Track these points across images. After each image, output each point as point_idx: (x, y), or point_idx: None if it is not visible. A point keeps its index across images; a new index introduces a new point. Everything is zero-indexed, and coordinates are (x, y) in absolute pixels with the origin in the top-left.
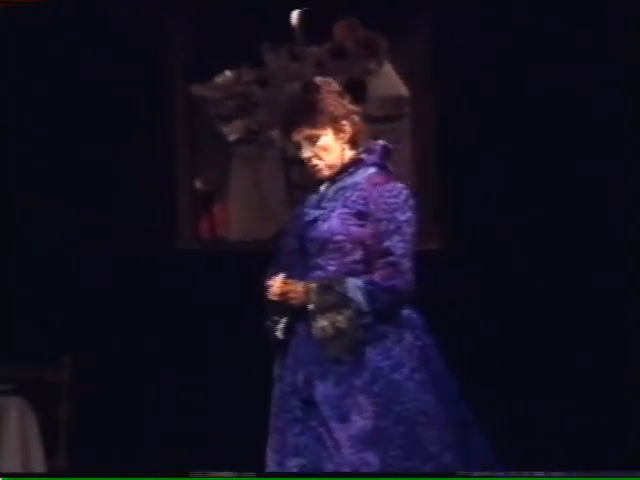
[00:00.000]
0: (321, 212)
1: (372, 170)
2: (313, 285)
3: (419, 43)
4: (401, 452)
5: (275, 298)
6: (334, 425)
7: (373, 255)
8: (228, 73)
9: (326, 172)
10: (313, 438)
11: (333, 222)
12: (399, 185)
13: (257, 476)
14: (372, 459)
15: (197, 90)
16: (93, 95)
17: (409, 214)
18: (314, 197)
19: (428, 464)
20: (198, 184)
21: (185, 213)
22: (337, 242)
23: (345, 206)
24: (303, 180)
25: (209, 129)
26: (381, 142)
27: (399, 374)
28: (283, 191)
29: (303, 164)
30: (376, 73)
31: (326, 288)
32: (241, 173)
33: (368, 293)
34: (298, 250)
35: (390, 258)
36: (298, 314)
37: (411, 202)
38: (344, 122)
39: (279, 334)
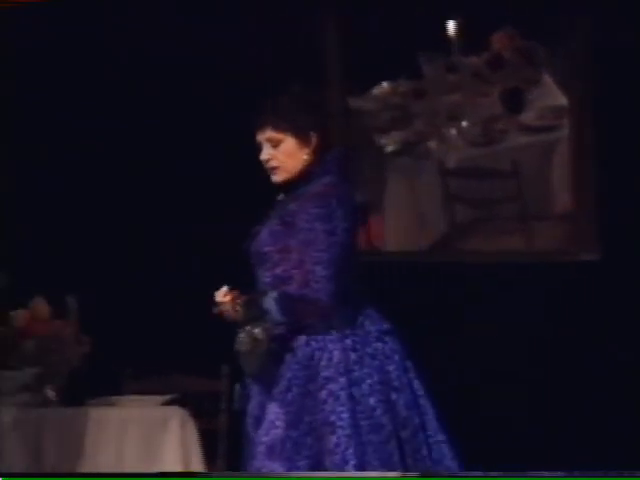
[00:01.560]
0: (260, 225)
1: (325, 180)
2: (240, 299)
3: (578, 53)
4: (307, 462)
5: (214, 310)
6: (252, 434)
7: (293, 265)
8: (385, 85)
9: (281, 176)
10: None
11: (264, 234)
12: (328, 194)
13: (259, 476)
14: (278, 469)
15: (354, 102)
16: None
17: (332, 224)
18: (271, 208)
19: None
20: (355, 196)
21: None
22: (266, 253)
23: (279, 217)
24: (461, 191)
25: (366, 141)
26: (338, 150)
27: (313, 384)
28: (440, 202)
29: (461, 175)
30: (534, 83)
31: (250, 301)
32: (398, 184)
33: (281, 304)
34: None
35: (303, 267)
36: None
37: (338, 212)
38: (312, 133)
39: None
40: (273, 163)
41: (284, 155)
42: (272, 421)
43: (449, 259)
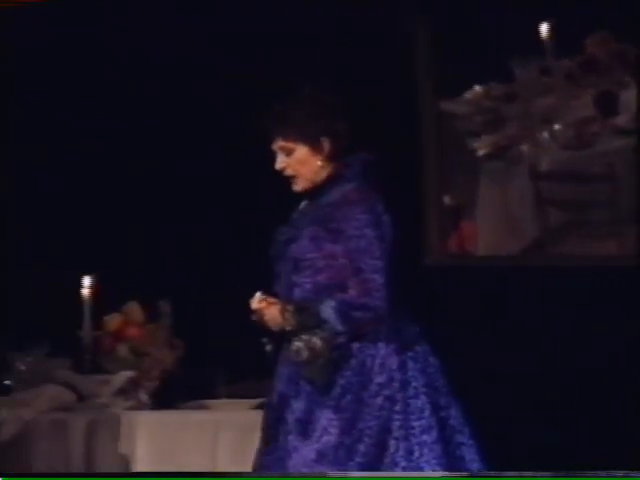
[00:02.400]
0: (295, 230)
1: (350, 186)
2: (289, 306)
3: None
4: (359, 469)
5: (253, 317)
6: (297, 443)
7: (346, 273)
8: (477, 88)
9: (301, 185)
10: (276, 458)
11: (304, 240)
12: (372, 200)
13: (261, 476)
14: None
15: (446, 106)
16: None
17: (381, 230)
18: (294, 215)
19: None
20: (447, 199)
21: (434, 229)
22: (308, 260)
23: (317, 223)
24: (553, 195)
25: (457, 144)
26: (362, 155)
27: (366, 391)
28: (532, 206)
29: (553, 179)
30: (628, 86)
31: (301, 309)
32: (490, 188)
33: (341, 313)
34: (279, 270)
35: (361, 276)
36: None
37: (384, 217)
38: (323, 138)
39: (267, 356)
40: (288, 172)
41: (298, 163)
42: (325, 428)
43: (541, 263)
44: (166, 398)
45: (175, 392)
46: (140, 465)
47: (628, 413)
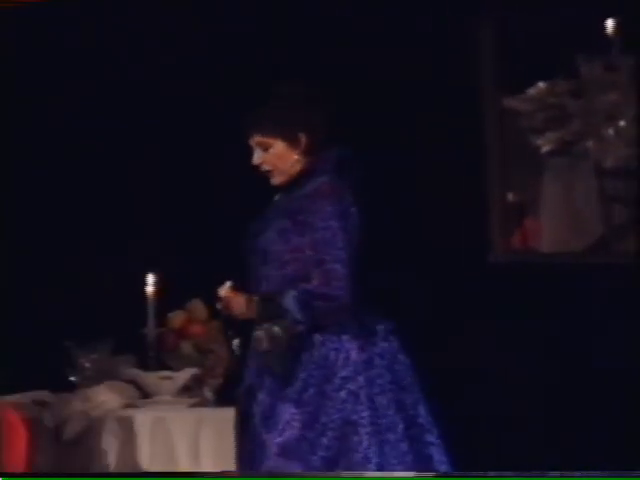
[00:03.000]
0: (264, 223)
1: (321, 179)
2: (255, 297)
3: None
4: (322, 463)
5: (218, 305)
6: (264, 435)
7: (311, 264)
8: (541, 85)
9: (278, 179)
10: (246, 450)
11: (272, 233)
12: (340, 192)
13: (262, 476)
14: (295, 469)
15: (509, 102)
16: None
17: (346, 221)
18: (268, 209)
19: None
20: (510, 196)
21: (497, 226)
22: (275, 253)
23: (286, 216)
24: (618, 192)
25: (520, 141)
26: (336, 149)
27: (330, 385)
28: (596, 203)
29: (618, 175)
30: None
31: (266, 300)
32: (553, 185)
33: (301, 302)
34: (250, 262)
35: (323, 266)
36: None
37: (351, 210)
38: (300, 133)
39: (234, 350)
40: (265, 167)
41: (275, 158)
42: (287, 421)
43: (606, 260)
44: (230, 395)
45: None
46: (204, 462)
47: None
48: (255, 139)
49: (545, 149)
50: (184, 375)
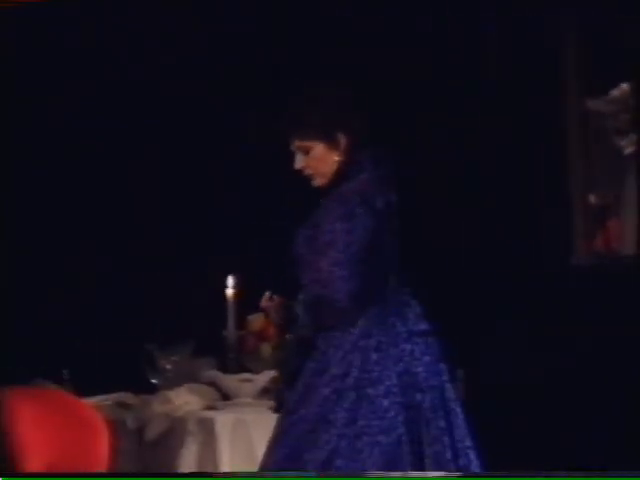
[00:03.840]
0: (299, 230)
1: (359, 179)
2: (281, 304)
3: None
4: (285, 452)
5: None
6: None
7: (318, 267)
8: (625, 86)
9: (320, 181)
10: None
11: (299, 238)
12: (351, 193)
13: (263, 476)
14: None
15: (593, 104)
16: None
17: (351, 223)
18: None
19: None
20: (593, 198)
21: (580, 228)
22: (301, 256)
23: (310, 220)
24: None
25: (604, 143)
26: (371, 148)
27: (319, 379)
28: None
29: None
30: None
31: (285, 306)
32: (637, 186)
33: (305, 306)
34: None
35: (323, 269)
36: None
37: (359, 211)
38: (339, 134)
39: None
40: (307, 171)
41: (316, 161)
42: (285, 410)
43: None
44: None
45: None
46: None
47: None
48: (295, 144)
49: (628, 150)
50: (264, 377)
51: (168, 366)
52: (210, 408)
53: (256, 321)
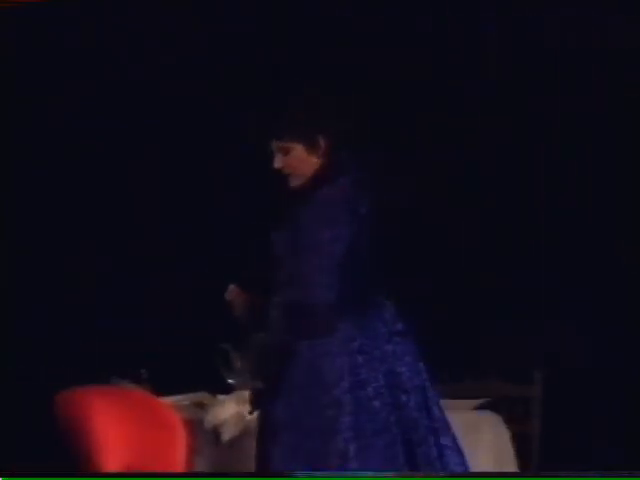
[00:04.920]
0: (279, 230)
1: (335, 184)
2: (253, 301)
3: None
4: (303, 466)
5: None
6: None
7: (296, 270)
8: None
9: (297, 181)
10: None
11: (278, 238)
12: (334, 199)
13: (262, 476)
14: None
15: None
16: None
17: (336, 230)
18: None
19: None
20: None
21: None
22: (280, 258)
23: (290, 222)
24: None
25: None
26: (349, 152)
27: (315, 389)
28: None
29: None
30: None
31: (257, 306)
32: None
33: (281, 309)
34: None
35: (304, 274)
36: None
37: (343, 217)
38: (319, 136)
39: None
40: (285, 170)
41: (295, 161)
42: (279, 424)
43: None
44: None
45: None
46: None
47: None
48: (274, 144)
49: None
50: None
51: (244, 366)
52: None
53: None
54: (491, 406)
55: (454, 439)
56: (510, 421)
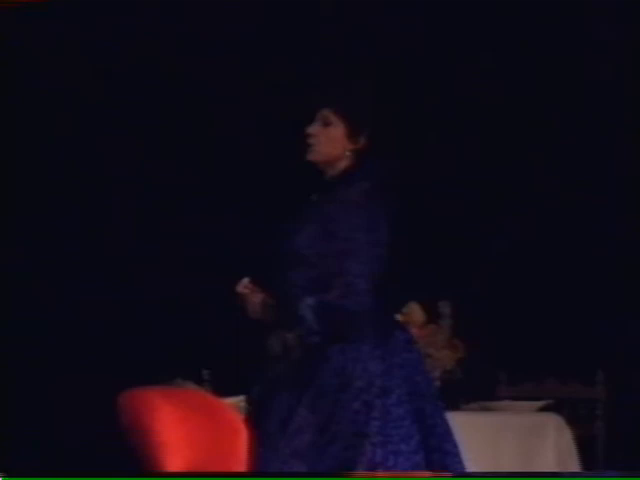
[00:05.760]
0: (297, 225)
1: (364, 186)
2: (271, 300)
3: None
4: (329, 470)
5: (237, 301)
6: (279, 439)
7: (332, 273)
8: None
9: (315, 156)
10: (261, 453)
11: (301, 236)
12: (373, 204)
13: (261, 476)
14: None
15: None
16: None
17: (375, 235)
18: (303, 208)
19: None
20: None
21: None
22: (302, 257)
23: (319, 221)
24: None
25: None
26: (381, 159)
27: (345, 394)
28: None
29: None
30: None
31: (281, 305)
32: None
33: (317, 312)
34: (274, 262)
35: (345, 278)
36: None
37: (382, 223)
38: (364, 132)
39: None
40: (312, 140)
41: (328, 137)
42: (301, 426)
43: None
44: (448, 399)
45: (457, 393)
46: None
47: None
48: (323, 111)
49: None
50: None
51: None
52: None
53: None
54: (554, 408)
55: (457, 445)
56: (573, 422)
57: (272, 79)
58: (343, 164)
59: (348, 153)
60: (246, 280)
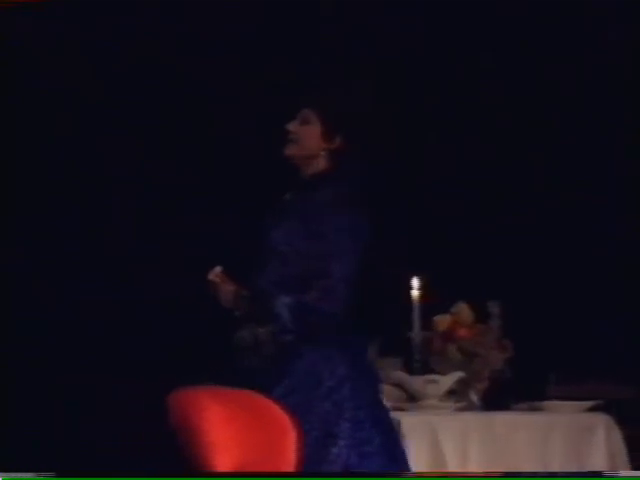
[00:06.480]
0: (275, 221)
1: (339, 189)
2: (245, 291)
3: None
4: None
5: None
6: None
7: (312, 273)
8: None
9: (293, 150)
10: None
11: (280, 232)
12: (356, 211)
13: (259, 475)
14: None
15: None
16: None
17: (360, 241)
18: (278, 205)
19: None
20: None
21: None
22: (280, 253)
23: (297, 218)
24: None
25: None
26: (358, 162)
27: (316, 392)
28: None
29: None
30: None
31: (255, 299)
32: None
33: (294, 312)
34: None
35: (326, 281)
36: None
37: (363, 231)
38: (338, 134)
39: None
40: (292, 136)
41: (304, 135)
42: None
43: None
44: (496, 399)
45: (505, 393)
46: (471, 466)
47: None
48: (303, 110)
49: None
50: (450, 379)
51: None
52: (396, 409)
53: (443, 321)
54: (603, 408)
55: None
56: (622, 423)
57: (272, 79)
58: (318, 163)
59: (323, 153)
60: (218, 269)
